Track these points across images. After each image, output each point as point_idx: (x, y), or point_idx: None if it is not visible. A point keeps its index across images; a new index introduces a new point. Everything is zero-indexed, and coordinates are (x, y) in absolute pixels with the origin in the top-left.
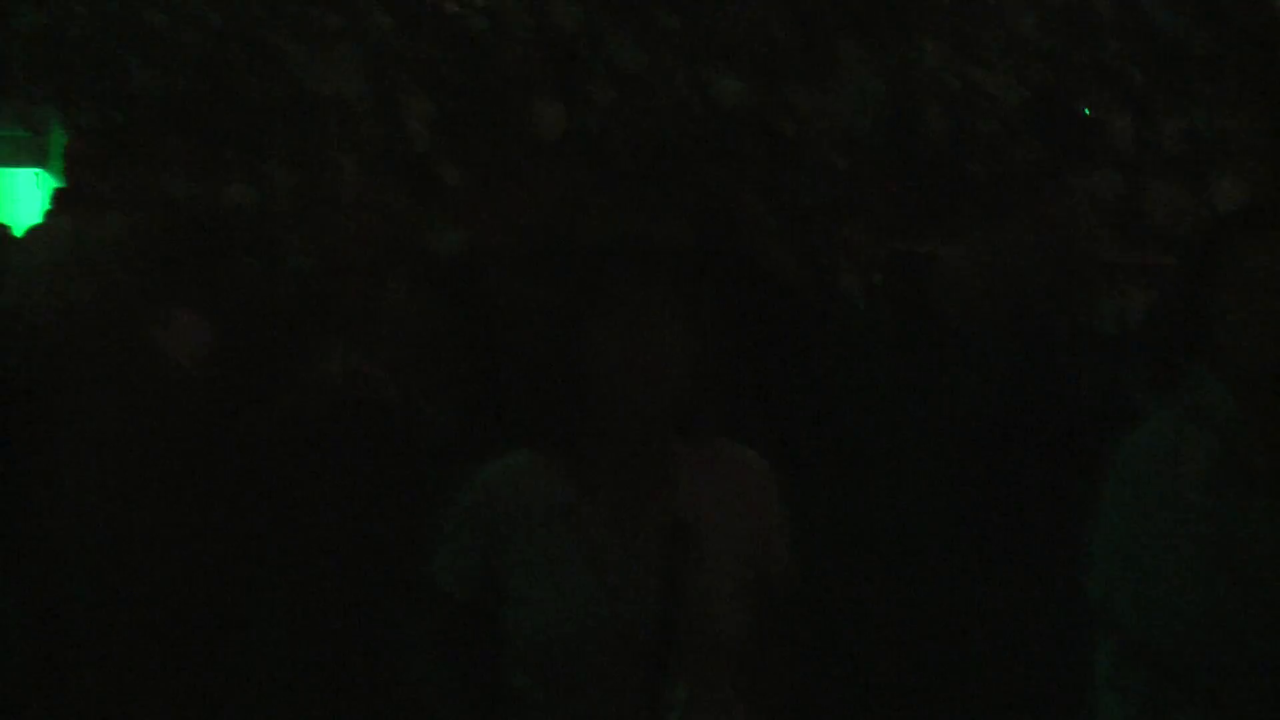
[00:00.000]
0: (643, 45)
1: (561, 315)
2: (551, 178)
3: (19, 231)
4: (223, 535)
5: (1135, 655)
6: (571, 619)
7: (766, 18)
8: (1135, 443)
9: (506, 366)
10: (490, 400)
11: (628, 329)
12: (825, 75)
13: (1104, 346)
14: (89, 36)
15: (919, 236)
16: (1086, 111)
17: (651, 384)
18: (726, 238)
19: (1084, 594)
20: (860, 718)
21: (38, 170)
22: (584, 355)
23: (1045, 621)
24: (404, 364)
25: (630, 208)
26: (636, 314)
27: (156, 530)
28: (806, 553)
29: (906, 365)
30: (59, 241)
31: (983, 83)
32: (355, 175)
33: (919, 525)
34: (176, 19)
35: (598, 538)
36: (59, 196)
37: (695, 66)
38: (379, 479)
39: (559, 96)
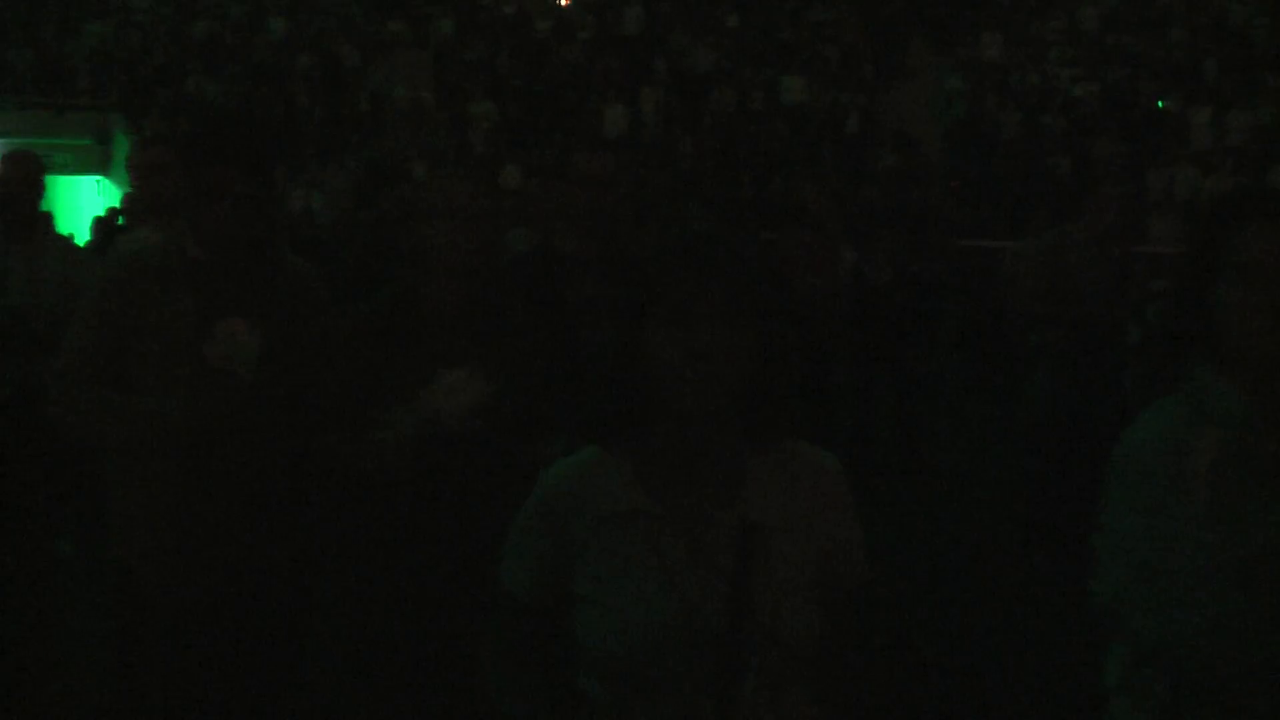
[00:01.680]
0: (708, 46)
1: (625, 312)
2: (615, 178)
3: (81, 240)
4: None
5: (1147, 658)
6: (641, 624)
7: (835, 19)
8: (1138, 439)
9: (578, 365)
10: (563, 398)
11: (688, 325)
12: (895, 75)
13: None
14: (150, 47)
15: (992, 234)
16: (1160, 104)
17: (713, 381)
18: (792, 240)
19: (1092, 597)
20: None
21: (100, 178)
22: (647, 352)
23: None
24: (511, 374)
25: (694, 209)
26: (696, 310)
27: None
28: (880, 556)
29: (973, 366)
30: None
31: (1055, 78)
32: (427, 179)
33: (984, 527)
34: (237, 29)
35: (666, 541)
36: (131, 205)
37: (760, 67)
38: (465, 490)
39: (621, 98)
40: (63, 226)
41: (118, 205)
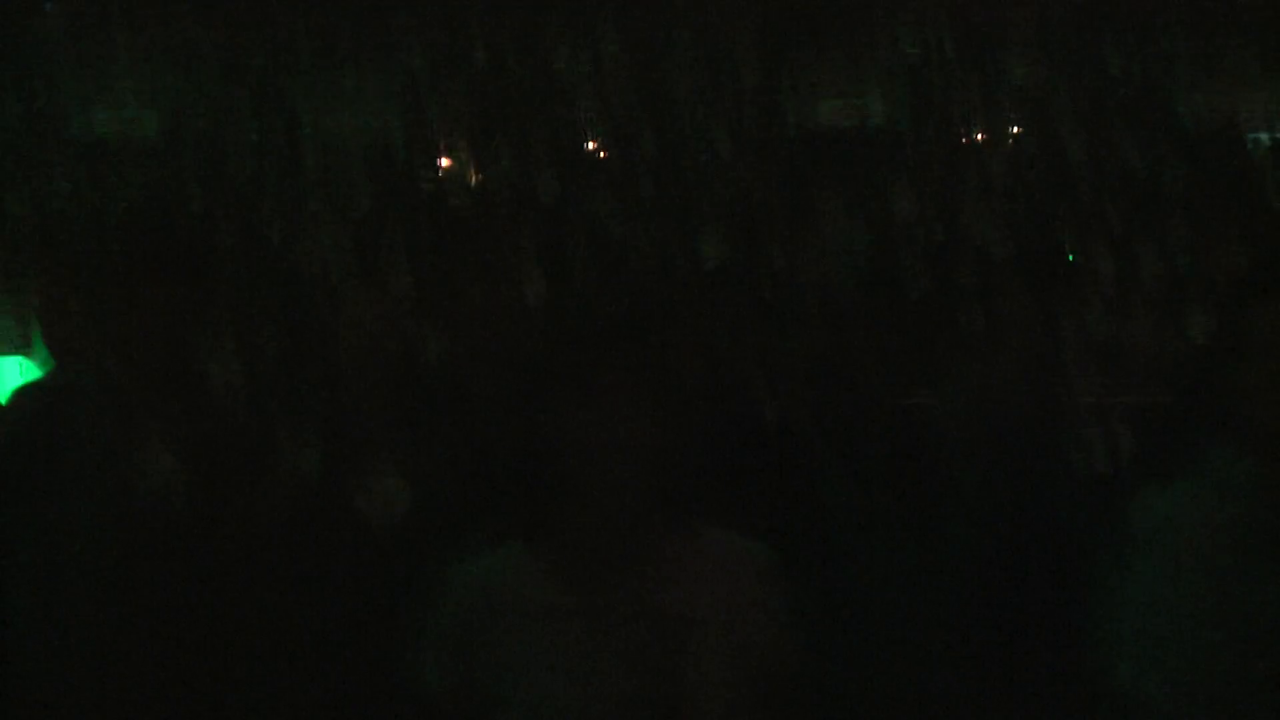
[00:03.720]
0: (623, 212)
1: (537, 400)
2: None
3: None
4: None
5: None
6: None
7: (745, 175)
8: (1155, 517)
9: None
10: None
11: (599, 412)
12: (804, 230)
13: (1096, 485)
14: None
15: (907, 386)
16: (1070, 258)
17: (625, 468)
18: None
19: (1110, 677)
20: None
21: (21, 359)
22: (558, 441)
23: None
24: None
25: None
26: (607, 396)
27: None
28: (812, 642)
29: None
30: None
31: (964, 229)
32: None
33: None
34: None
35: (584, 637)
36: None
37: (674, 230)
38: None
39: (539, 265)
40: None
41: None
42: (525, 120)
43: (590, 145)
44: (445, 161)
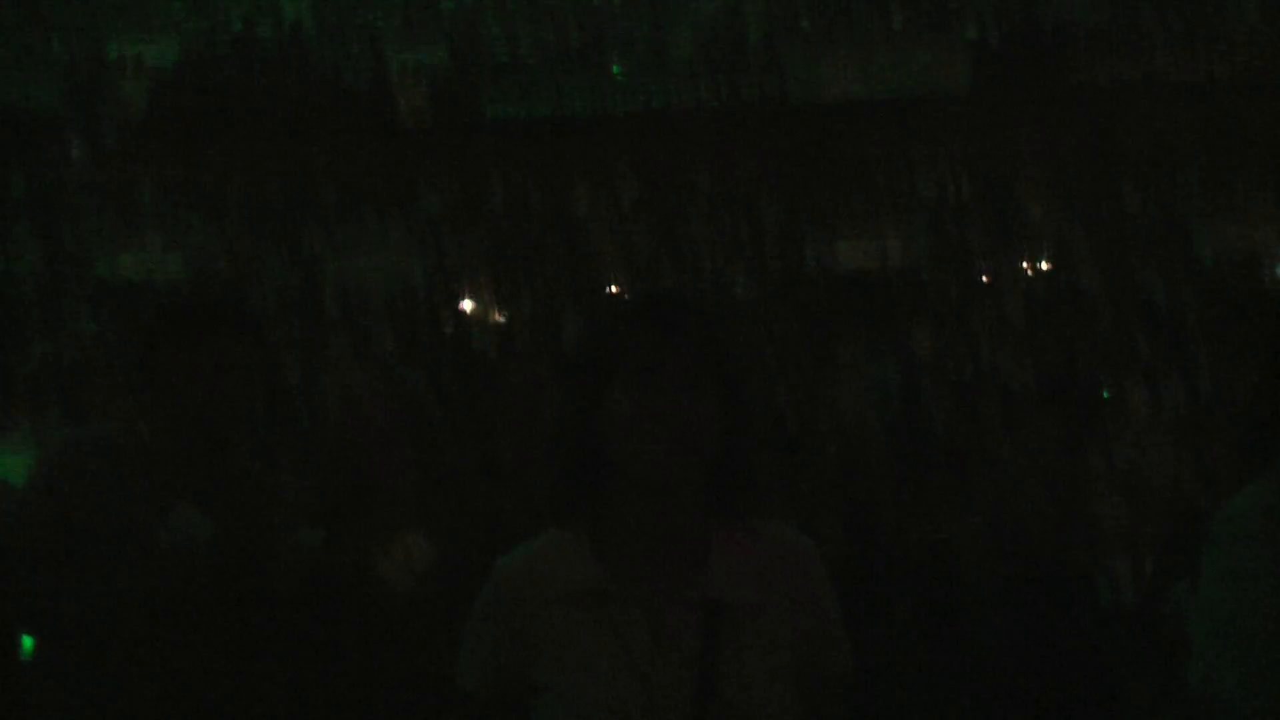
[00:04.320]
0: None
1: (586, 375)
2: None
3: None
4: None
5: None
6: (601, 709)
7: (764, 316)
8: (1231, 518)
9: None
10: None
11: (651, 389)
12: (827, 371)
13: (1125, 618)
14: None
15: (935, 518)
16: (1105, 395)
17: (677, 447)
18: None
19: (1187, 685)
20: None
21: None
22: (603, 423)
23: None
24: None
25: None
26: (661, 374)
27: None
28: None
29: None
30: None
31: (988, 367)
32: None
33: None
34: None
35: (627, 622)
36: None
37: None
38: None
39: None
40: None
41: None
42: (547, 263)
43: (612, 289)
44: (468, 304)
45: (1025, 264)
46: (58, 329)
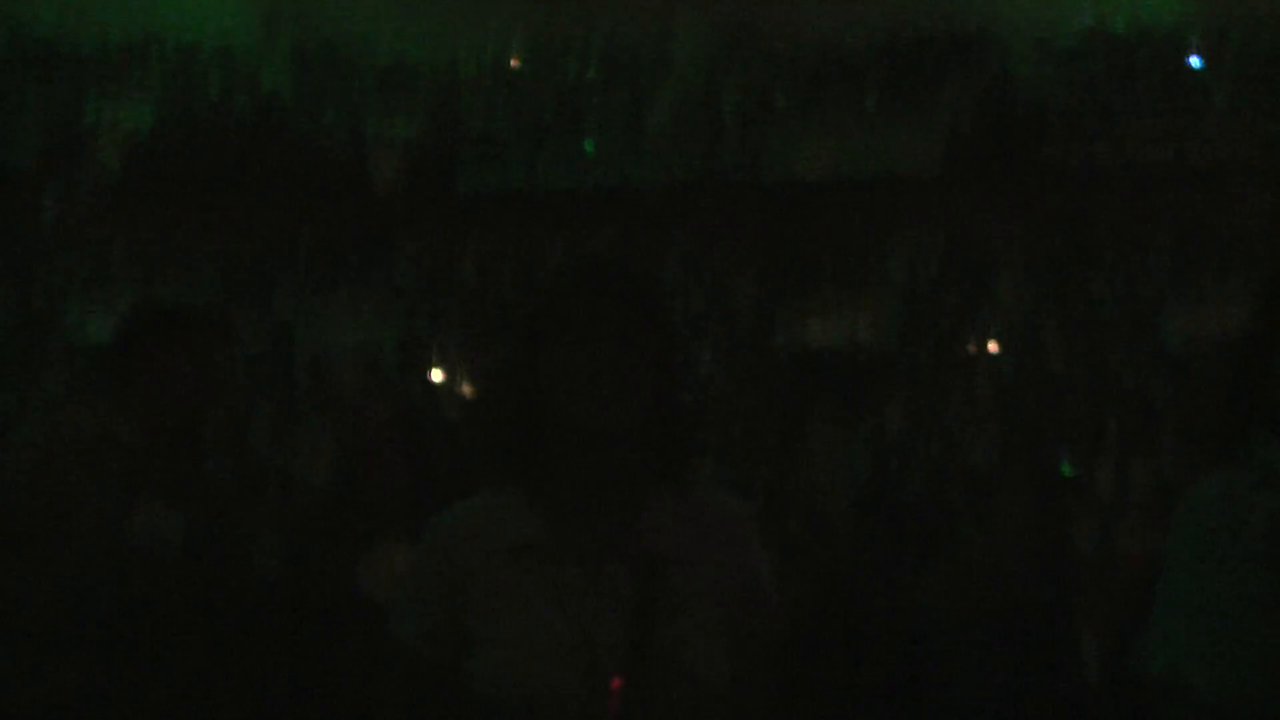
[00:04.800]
0: None
1: (523, 332)
2: None
3: None
4: None
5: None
6: (538, 662)
7: (734, 393)
8: (1194, 507)
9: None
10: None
11: (589, 343)
12: (794, 450)
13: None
14: None
15: (902, 593)
16: (1065, 470)
17: (613, 401)
18: None
19: (1141, 670)
20: None
21: None
22: (542, 378)
23: None
24: None
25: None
26: (591, 331)
27: None
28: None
29: None
30: None
31: (957, 445)
32: None
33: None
34: None
35: (562, 575)
36: None
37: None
38: None
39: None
40: None
41: None
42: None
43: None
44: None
45: (993, 344)
46: (25, 388)
